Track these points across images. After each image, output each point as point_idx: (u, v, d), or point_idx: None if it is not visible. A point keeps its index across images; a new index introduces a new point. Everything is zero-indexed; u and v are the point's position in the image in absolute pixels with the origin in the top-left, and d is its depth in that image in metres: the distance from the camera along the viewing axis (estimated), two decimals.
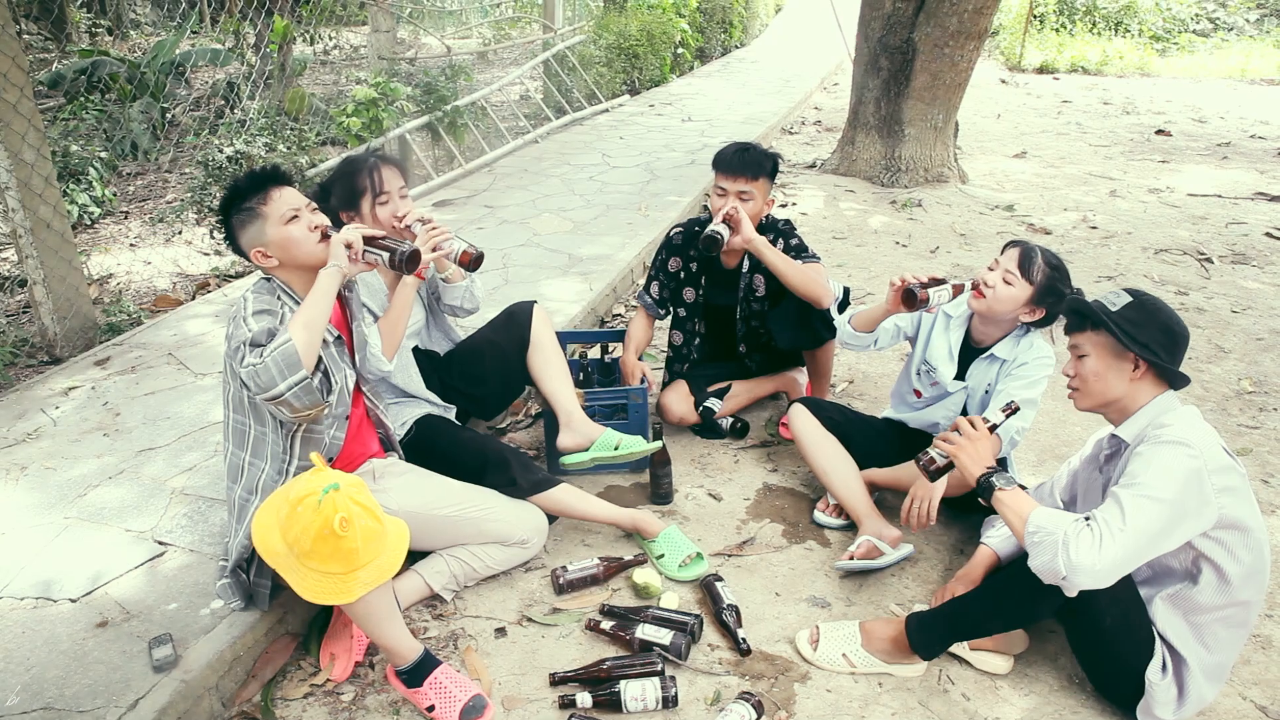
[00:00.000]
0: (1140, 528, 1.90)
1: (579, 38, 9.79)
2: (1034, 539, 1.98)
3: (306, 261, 2.27)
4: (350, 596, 1.98)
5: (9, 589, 2.41)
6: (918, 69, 6.64)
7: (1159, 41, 14.90)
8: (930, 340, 2.93)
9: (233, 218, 2.26)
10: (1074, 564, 1.89)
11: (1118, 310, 2.10)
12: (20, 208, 3.71)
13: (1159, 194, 7.05)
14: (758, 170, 3.10)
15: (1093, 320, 2.13)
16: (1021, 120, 10.05)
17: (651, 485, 3.06)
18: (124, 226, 6.21)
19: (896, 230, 6.00)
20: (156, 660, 2.13)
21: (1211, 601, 2.08)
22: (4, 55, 3.56)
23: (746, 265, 3.28)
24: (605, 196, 6.36)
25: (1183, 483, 1.94)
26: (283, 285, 2.29)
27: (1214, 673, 2.13)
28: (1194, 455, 1.95)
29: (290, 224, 2.23)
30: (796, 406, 3.07)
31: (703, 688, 2.28)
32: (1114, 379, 2.13)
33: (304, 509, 1.92)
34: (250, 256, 2.27)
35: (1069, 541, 1.90)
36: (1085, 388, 2.19)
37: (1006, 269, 2.64)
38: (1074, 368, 2.21)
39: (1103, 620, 2.11)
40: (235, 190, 2.28)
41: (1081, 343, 2.18)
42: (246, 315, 2.16)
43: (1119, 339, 2.07)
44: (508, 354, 3.04)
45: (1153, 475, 1.95)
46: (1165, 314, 2.11)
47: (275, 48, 7.69)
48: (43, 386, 3.57)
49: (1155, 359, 2.07)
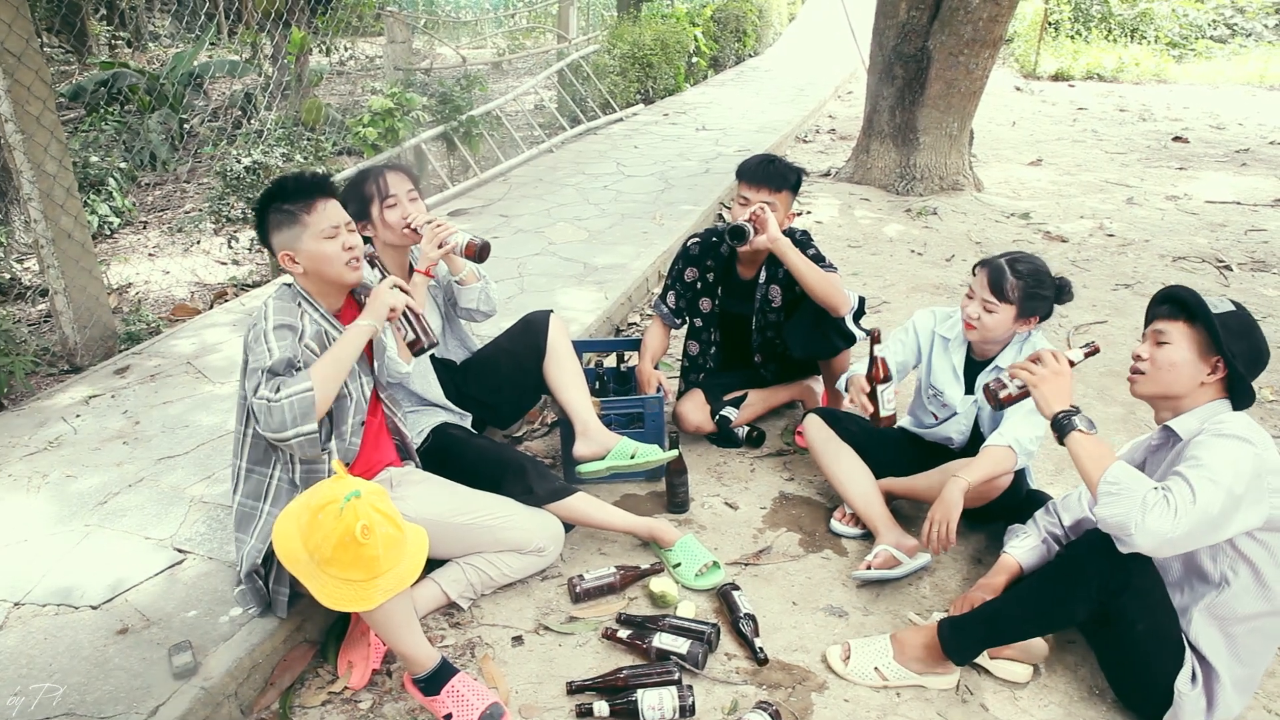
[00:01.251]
0: (1205, 507, 1.89)
1: (593, 47, 9.83)
2: (1112, 490, 1.95)
3: (333, 280, 2.31)
4: (370, 604, 1.99)
5: (31, 596, 2.44)
6: (932, 77, 6.64)
7: (1175, 48, 14.83)
8: (932, 365, 2.94)
9: (271, 213, 2.28)
10: (1147, 526, 1.88)
11: (1220, 314, 2.09)
12: (42, 218, 3.76)
13: (1176, 201, 7.01)
14: (781, 182, 3.12)
15: (1191, 314, 2.12)
16: (1037, 128, 10.02)
17: (668, 494, 3.06)
18: (143, 236, 6.28)
19: (912, 238, 5.99)
20: (176, 667, 2.14)
21: (1249, 609, 2.06)
22: (28, 69, 3.61)
23: (763, 276, 3.28)
24: (620, 205, 6.37)
25: (1243, 475, 1.93)
26: (303, 292, 2.32)
27: (1243, 685, 2.11)
28: (1256, 451, 1.95)
29: (327, 240, 2.26)
30: (811, 417, 3.07)
31: (720, 697, 2.28)
32: (1188, 374, 2.12)
33: (325, 516, 1.93)
34: (277, 257, 2.29)
35: (1148, 504, 1.89)
36: (1155, 374, 2.16)
37: (983, 298, 2.65)
38: (1150, 351, 2.18)
39: (1135, 627, 2.09)
40: (281, 189, 2.29)
41: (1169, 330, 2.15)
42: (268, 330, 2.18)
43: (1214, 339, 2.07)
44: (524, 362, 3.05)
45: (1217, 462, 1.94)
46: (1260, 334, 2.13)
47: (292, 59, 7.76)
48: (63, 395, 3.60)
49: (1237, 370, 2.08)
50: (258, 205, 2.35)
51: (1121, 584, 2.02)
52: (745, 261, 3.31)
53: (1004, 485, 2.67)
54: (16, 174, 3.72)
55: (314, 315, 2.32)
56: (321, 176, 2.35)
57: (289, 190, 2.28)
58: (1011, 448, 2.60)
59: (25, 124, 3.64)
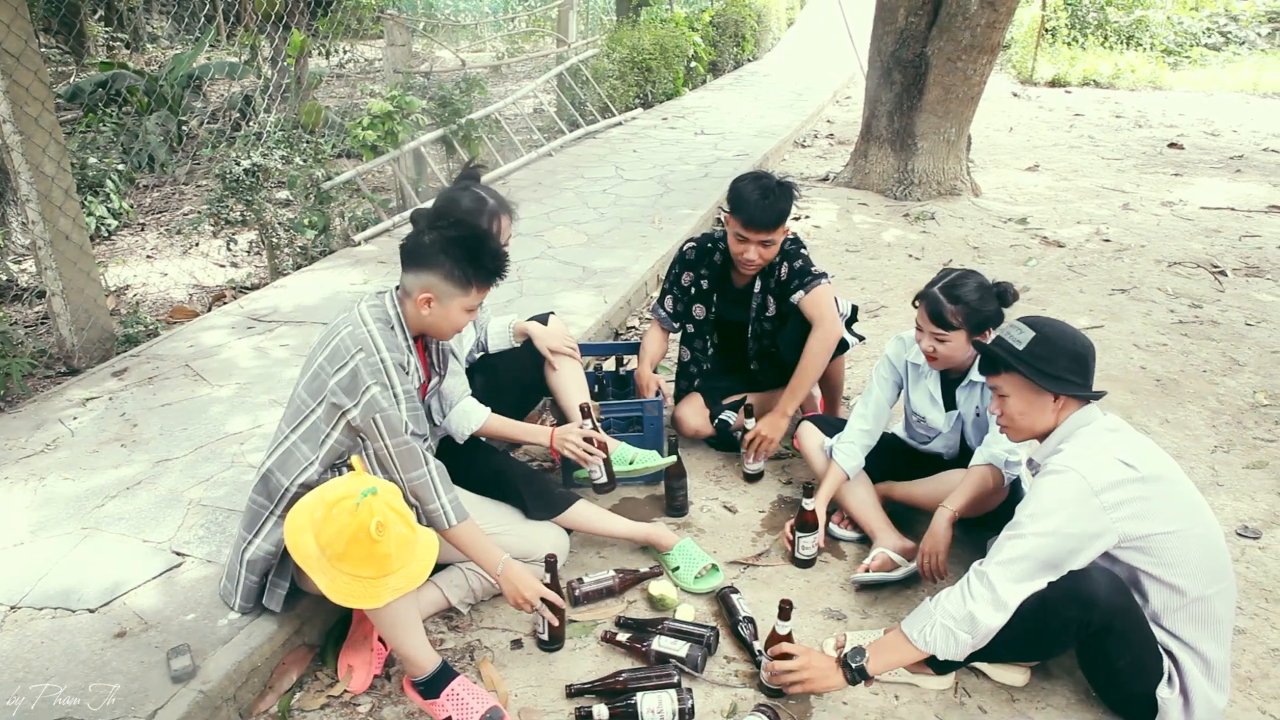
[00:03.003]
0: (1022, 566, 2.00)
1: (592, 51, 9.84)
2: (926, 643, 2.07)
3: (437, 337, 2.38)
4: (379, 601, 1.99)
5: (28, 599, 2.43)
6: (930, 82, 6.65)
7: (1171, 55, 14.86)
8: (910, 395, 2.96)
9: (449, 260, 2.20)
10: (974, 629, 2.01)
11: (1025, 348, 2.12)
12: (40, 220, 3.75)
13: (1172, 207, 7.03)
14: (780, 218, 3.06)
15: (1003, 364, 2.16)
16: (1034, 133, 10.05)
17: (667, 498, 3.06)
18: (141, 238, 6.27)
19: (909, 243, 6.00)
20: (175, 671, 2.13)
21: (1166, 603, 2.08)
22: (26, 70, 3.61)
23: (758, 286, 3.28)
24: (619, 209, 6.38)
25: (1065, 512, 2.00)
26: (403, 321, 2.28)
27: (1213, 675, 2.10)
28: (1076, 480, 2.00)
29: (468, 314, 2.29)
30: (806, 425, 3.08)
31: (719, 700, 2.28)
32: (1038, 414, 2.17)
33: (340, 511, 1.93)
34: (411, 288, 2.24)
35: (949, 621, 2.03)
36: (1014, 425, 2.23)
37: (931, 331, 2.67)
38: (999, 407, 2.24)
39: (1116, 662, 2.11)
40: (478, 251, 2.23)
41: (1000, 385, 2.21)
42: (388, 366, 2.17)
43: (1033, 380, 2.11)
44: (525, 366, 3.06)
45: (1035, 509, 2.03)
46: (1068, 339, 2.15)
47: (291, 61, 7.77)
48: (60, 397, 3.59)
49: (1072, 390, 2.11)
50: (440, 235, 2.22)
51: (1101, 627, 2.04)
52: (740, 269, 3.31)
53: (999, 500, 2.69)
54: (14, 175, 3.71)
55: (403, 345, 2.28)
56: (505, 259, 2.29)
57: (484, 261, 2.23)
58: (993, 465, 2.62)
59: (23, 125, 3.63)
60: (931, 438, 2.96)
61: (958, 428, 2.89)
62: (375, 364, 2.16)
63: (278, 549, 2.21)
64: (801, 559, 2.79)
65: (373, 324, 2.21)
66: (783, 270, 3.20)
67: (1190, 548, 2.04)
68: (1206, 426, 3.67)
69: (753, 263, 3.11)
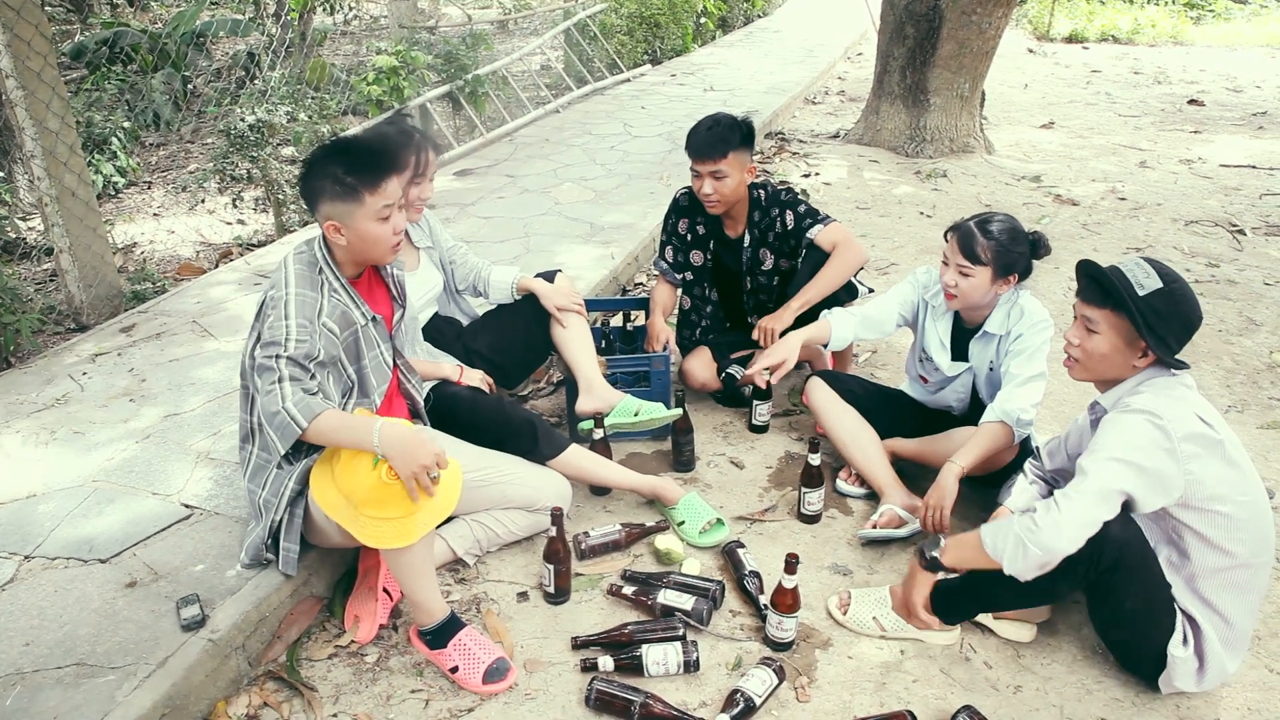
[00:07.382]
0: (1099, 487, 1.92)
1: (600, 6, 9.68)
2: (997, 550, 2.01)
3: (371, 260, 2.25)
4: (412, 538, 2.04)
5: (41, 550, 2.45)
6: (944, 37, 6.52)
7: (1193, 9, 14.54)
8: (924, 331, 2.92)
9: (326, 179, 2.10)
10: (1045, 545, 1.93)
11: (1145, 296, 1.98)
12: (46, 175, 3.74)
13: (1190, 165, 6.91)
14: (725, 147, 3.02)
15: (1115, 300, 2.02)
16: (1049, 90, 9.87)
17: (673, 453, 3.06)
18: (147, 196, 6.26)
19: (921, 200, 5.92)
20: (184, 620, 2.16)
21: (1207, 564, 2.05)
22: (27, 23, 3.57)
23: (748, 240, 3.24)
24: (627, 166, 6.31)
25: (1143, 448, 1.92)
26: (328, 258, 2.22)
27: (1232, 643, 2.10)
28: (1157, 423, 1.92)
29: (381, 222, 2.14)
30: (814, 380, 3.06)
31: (724, 653, 2.29)
32: (1119, 361, 2.06)
33: (356, 458, 2.02)
34: (320, 223, 2.16)
35: (1025, 533, 1.95)
36: (1088, 363, 2.11)
37: (957, 263, 2.62)
38: (1079, 337, 2.11)
39: (1124, 603, 2.09)
40: (347, 156, 2.10)
41: (1095, 319, 2.06)
42: (288, 299, 2.10)
43: (1140, 331, 1.99)
44: (531, 322, 3.04)
45: (1113, 440, 1.95)
46: (1189, 305, 2.01)
47: (296, 17, 7.67)
48: (70, 353, 3.60)
49: (1169, 355, 2.00)
50: (311, 162, 2.13)
51: (1111, 564, 2.00)
52: (730, 218, 3.27)
53: (1009, 458, 2.67)
54: (19, 130, 3.69)
55: (335, 285, 2.22)
56: (391, 145, 2.16)
57: (357, 161, 2.10)
58: (1005, 422, 2.59)
59: (26, 79, 3.60)
60: (938, 385, 2.93)
61: (967, 382, 2.87)
62: (277, 298, 2.11)
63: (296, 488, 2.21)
64: (807, 514, 2.79)
65: (293, 267, 2.16)
66: (788, 218, 3.16)
67: (1246, 516, 2.01)
68: (1221, 386, 3.64)
69: (710, 198, 3.08)
